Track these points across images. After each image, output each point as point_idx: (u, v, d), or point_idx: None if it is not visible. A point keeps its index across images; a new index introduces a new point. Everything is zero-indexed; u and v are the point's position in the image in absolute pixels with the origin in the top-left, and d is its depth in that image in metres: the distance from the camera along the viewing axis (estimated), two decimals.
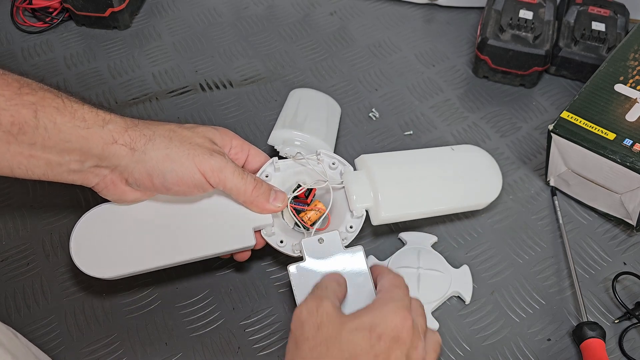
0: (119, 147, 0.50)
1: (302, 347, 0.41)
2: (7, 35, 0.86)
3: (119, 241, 0.55)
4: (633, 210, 0.63)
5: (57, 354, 0.57)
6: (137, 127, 0.51)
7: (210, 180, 0.52)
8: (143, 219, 0.55)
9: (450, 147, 0.65)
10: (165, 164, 0.51)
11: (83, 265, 0.53)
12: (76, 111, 0.49)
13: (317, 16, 0.90)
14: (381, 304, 0.43)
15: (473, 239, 0.66)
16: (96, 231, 0.55)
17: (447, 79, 0.82)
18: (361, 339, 0.40)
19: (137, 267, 0.54)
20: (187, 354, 0.57)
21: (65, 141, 0.48)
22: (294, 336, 0.42)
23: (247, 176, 0.54)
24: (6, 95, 0.46)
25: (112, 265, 0.54)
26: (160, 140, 0.51)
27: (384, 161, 0.61)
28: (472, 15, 0.90)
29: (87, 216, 0.56)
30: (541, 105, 0.79)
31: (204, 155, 0.52)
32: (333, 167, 0.60)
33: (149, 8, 0.90)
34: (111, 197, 0.54)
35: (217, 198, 0.56)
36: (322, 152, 0.60)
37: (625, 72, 0.65)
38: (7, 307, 0.60)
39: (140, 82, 0.81)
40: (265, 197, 0.55)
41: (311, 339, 0.41)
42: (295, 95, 0.71)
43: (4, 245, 0.64)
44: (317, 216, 0.59)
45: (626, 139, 0.60)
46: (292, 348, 0.42)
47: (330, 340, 0.41)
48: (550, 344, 0.59)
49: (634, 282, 0.63)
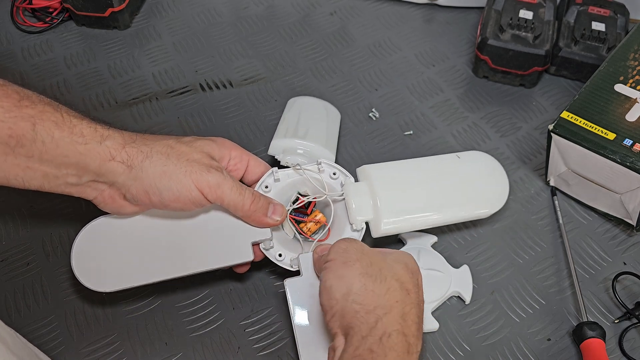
0: (116, 164, 0.50)
1: (354, 265, 0.45)
2: (7, 35, 0.86)
3: (118, 255, 0.55)
4: (633, 210, 0.63)
5: (57, 354, 0.57)
6: (134, 143, 0.51)
7: (207, 196, 0.52)
8: (142, 234, 0.56)
9: (456, 155, 0.63)
10: (162, 182, 0.51)
11: (86, 280, 0.54)
12: (75, 126, 0.49)
13: (317, 16, 0.90)
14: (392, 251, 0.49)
15: (473, 239, 0.66)
16: (96, 245, 0.55)
17: (447, 79, 0.82)
18: (402, 270, 0.47)
19: (137, 281, 0.55)
20: (187, 354, 0.57)
21: (63, 156, 0.48)
22: (341, 260, 0.46)
23: (245, 191, 0.54)
24: (5, 107, 0.46)
25: (112, 280, 0.54)
26: (157, 157, 0.51)
27: (385, 172, 0.60)
28: (472, 15, 0.90)
29: (86, 230, 0.56)
30: (541, 105, 0.79)
31: (201, 172, 0.52)
32: (334, 178, 0.59)
33: (149, 8, 0.90)
34: (110, 210, 0.54)
35: (216, 213, 0.56)
36: (323, 162, 0.59)
37: (625, 72, 0.66)
38: (7, 307, 0.60)
39: (140, 82, 0.81)
40: (263, 211, 0.55)
41: (360, 259, 0.46)
42: (295, 104, 0.71)
43: (4, 245, 0.64)
44: (316, 227, 0.59)
45: (626, 139, 0.60)
46: (341, 268, 0.45)
47: (378, 263, 0.46)
48: (550, 344, 0.59)
49: (634, 282, 0.63)
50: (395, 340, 0.42)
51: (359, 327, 0.43)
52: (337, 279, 0.45)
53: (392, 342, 0.42)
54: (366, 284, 0.44)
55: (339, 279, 0.45)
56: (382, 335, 0.42)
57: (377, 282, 0.44)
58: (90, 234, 0.55)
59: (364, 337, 0.42)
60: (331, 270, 0.46)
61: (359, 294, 0.44)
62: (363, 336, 0.42)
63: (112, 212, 0.54)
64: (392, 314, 0.43)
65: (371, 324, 0.42)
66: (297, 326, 0.52)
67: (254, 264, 0.59)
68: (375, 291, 0.44)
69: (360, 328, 0.43)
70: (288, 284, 0.53)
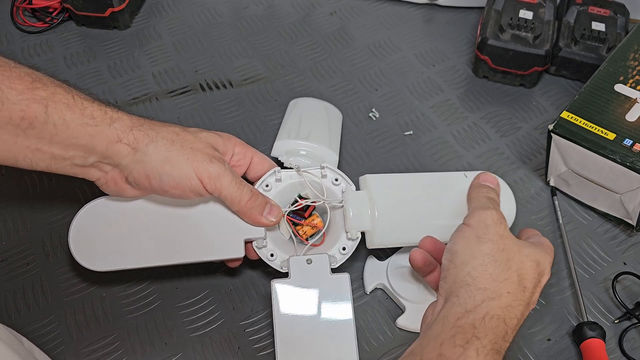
0: (122, 145, 0.51)
1: (485, 244, 0.47)
2: (7, 35, 0.86)
3: (113, 237, 0.56)
4: (633, 210, 0.63)
5: (57, 354, 0.57)
6: (142, 126, 0.52)
7: (207, 186, 0.52)
8: (139, 218, 0.56)
9: (464, 174, 0.60)
10: (164, 167, 0.51)
11: (81, 258, 0.55)
12: (85, 108, 0.49)
13: (317, 16, 0.90)
14: (541, 246, 0.50)
15: None
16: (94, 225, 0.56)
17: (447, 79, 0.82)
18: (530, 267, 0.47)
19: (130, 264, 0.55)
20: (187, 354, 0.57)
21: (72, 137, 0.49)
22: (477, 232, 0.47)
23: (244, 187, 0.54)
24: (18, 89, 0.46)
25: (106, 260, 0.55)
26: (162, 143, 0.52)
27: (387, 185, 0.58)
28: (472, 15, 0.90)
29: (86, 209, 0.56)
30: (541, 105, 0.79)
31: (203, 161, 0.52)
32: (336, 184, 0.59)
33: (149, 8, 0.90)
34: (111, 193, 0.55)
35: (214, 205, 0.56)
36: (326, 166, 0.59)
37: (625, 72, 0.66)
38: (7, 307, 0.60)
39: (140, 82, 0.81)
40: (259, 210, 0.55)
41: (495, 242, 0.47)
42: (297, 106, 0.71)
43: (4, 245, 0.64)
44: (312, 231, 0.59)
45: (626, 139, 0.60)
46: (473, 240, 0.47)
47: (509, 252, 0.47)
48: (550, 344, 0.59)
49: (634, 282, 0.63)
50: (495, 323, 0.43)
51: (465, 300, 0.44)
52: (463, 247, 0.47)
53: (493, 325, 0.43)
54: (487, 265, 0.46)
55: (465, 247, 0.47)
56: (485, 315, 0.43)
57: (498, 269, 0.46)
58: (90, 213, 0.56)
59: (468, 310, 0.44)
60: (463, 237, 0.48)
61: (477, 270, 0.45)
62: (467, 310, 0.44)
63: (113, 195, 0.55)
64: (499, 301, 0.44)
65: (477, 301, 0.44)
66: (277, 329, 0.52)
67: (249, 261, 0.59)
68: (492, 275, 0.45)
69: (466, 301, 0.44)
70: (275, 285, 0.53)
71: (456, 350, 0.42)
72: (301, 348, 0.51)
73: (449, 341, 0.42)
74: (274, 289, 0.53)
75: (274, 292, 0.53)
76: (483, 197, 0.54)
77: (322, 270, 0.54)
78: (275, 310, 0.52)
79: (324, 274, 0.54)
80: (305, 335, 0.52)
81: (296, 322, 0.52)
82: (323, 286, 0.53)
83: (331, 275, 0.54)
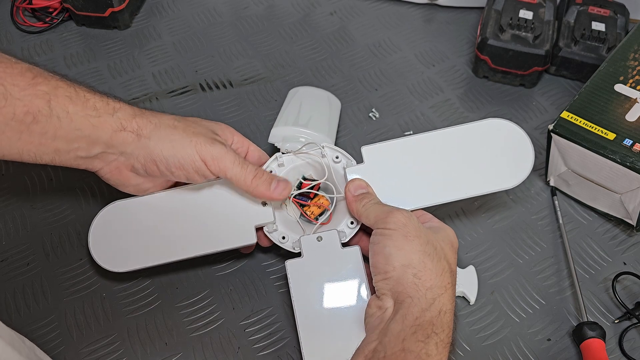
0: (126, 133, 0.52)
1: (413, 241, 0.48)
2: (7, 35, 0.86)
3: (131, 238, 0.57)
4: (633, 210, 0.63)
5: (57, 354, 0.57)
6: (144, 114, 0.53)
7: (210, 167, 0.53)
8: (151, 218, 0.58)
9: (470, 125, 0.59)
10: (168, 151, 0.53)
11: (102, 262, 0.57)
12: (88, 100, 0.50)
13: (317, 16, 0.90)
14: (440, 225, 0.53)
15: (473, 239, 0.66)
16: (110, 229, 0.58)
17: (447, 79, 0.82)
18: (449, 250, 0.51)
19: (147, 262, 0.57)
20: (187, 354, 0.57)
21: (76, 129, 0.50)
22: (401, 233, 0.49)
23: (247, 165, 0.55)
24: (20, 85, 0.47)
25: (124, 261, 0.57)
26: (165, 128, 0.53)
27: (389, 153, 0.59)
28: (472, 15, 0.90)
29: (101, 214, 0.58)
30: (541, 105, 0.79)
31: (205, 144, 0.53)
32: (337, 161, 0.60)
33: (149, 8, 0.90)
34: (114, 183, 0.56)
35: (221, 196, 0.58)
36: (326, 145, 0.60)
37: (625, 72, 0.66)
38: (7, 307, 0.60)
39: (140, 82, 0.81)
40: (266, 185, 0.55)
41: (419, 237, 0.49)
42: (297, 93, 0.71)
43: (4, 245, 0.64)
44: (319, 211, 0.59)
45: (626, 139, 0.60)
46: (401, 240, 0.49)
47: (432, 241, 0.49)
48: (550, 344, 0.59)
49: (634, 282, 0.63)
50: (449, 317, 0.47)
51: (419, 300, 0.46)
52: (396, 249, 0.48)
53: (447, 319, 0.47)
54: (425, 262, 0.48)
55: (398, 249, 0.48)
56: (440, 311, 0.46)
57: (434, 262, 0.48)
58: (104, 218, 0.58)
59: (424, 309, 0.46)
60: (391, 239, 0.49)
61: (419, 269, 0.47)
62: (423, 309, 0.46)
63: (115, 185, 0.56)
64: (446, 295, 0.47)
65: (429, 300, 0.46)
66: (297, 306, 0.53)
67: (260, 248, 0.61)
68: (432, 270, 0.48)
69: (420, 300, 0.46)
70: (289, 265, 0.54)
71: (418, 345, 0.45)
72: (321, 323, 0.52)
73: (410, 337, 0.45)
74: (289, 269, 0.54)
75: (289, 272, 0.54)
76: (373, 205, 0.53)
77: (333, 245, 0.55)
78: (293, 289, 0.53)
79: (335, 249, 0.55)
80: (324, 310, 0.52)
81: (313, 299, 0.53)
82: (335, 261, 0.54)
83: (342, 250, 0.55)
